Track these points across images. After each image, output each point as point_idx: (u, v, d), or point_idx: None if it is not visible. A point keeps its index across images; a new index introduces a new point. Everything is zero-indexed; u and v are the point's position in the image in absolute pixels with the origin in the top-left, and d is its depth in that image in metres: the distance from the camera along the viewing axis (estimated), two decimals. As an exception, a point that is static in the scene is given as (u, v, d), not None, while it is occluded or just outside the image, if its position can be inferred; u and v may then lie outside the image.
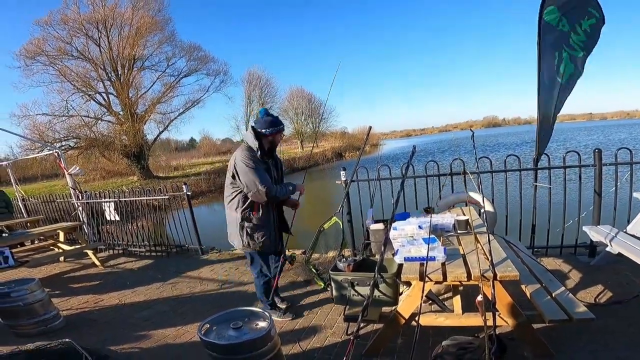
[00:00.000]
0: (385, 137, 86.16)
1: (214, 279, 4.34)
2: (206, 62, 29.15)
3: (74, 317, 3.61)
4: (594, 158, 3.60)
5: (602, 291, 2.99)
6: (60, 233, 5.63)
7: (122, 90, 24.69)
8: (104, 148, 24.77)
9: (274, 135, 2.83)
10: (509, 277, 1.89)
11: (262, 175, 2.71)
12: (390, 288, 2.30)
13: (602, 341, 2.32)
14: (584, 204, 3.73)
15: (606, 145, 21.16)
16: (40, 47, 22.82)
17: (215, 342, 1.91)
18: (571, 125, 63.98)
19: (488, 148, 29.18)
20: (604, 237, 3.18)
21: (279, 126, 2.84)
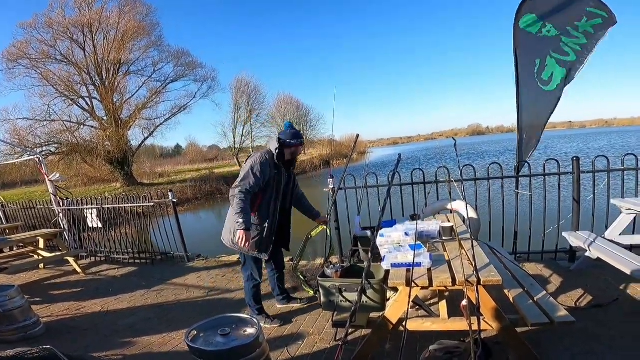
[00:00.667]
0: (373, 145, 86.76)
1: (200, 286, 4.29)
2: (194, 68, 28.96)
3: (55, 324, 3.53)
4: (573, 166, 3.71)
5: (582, 295, 3.07)
6: (40, 240, 5.50)
7: (106, 95, 24.26)
8: (86, 154, 24.20)
9: (296, 146, 3.00)
10: (492, 282, 1.94)
11: (252, 182, 2.80)
12: (378, 294, 2.33)
13: (584, 344, 2.38)
14: (564, 210, 3.84)
15: (585, 153, 21.83)
16: (23, 50, 22.35)
17: (202, 348, 1.90)
18: (552, 134, 65.62)
19: (472, 156, 29.71)
20: (583, 243, 3.28)
21: (300, 139, 3.03)
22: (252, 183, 2.80)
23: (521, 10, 3.67)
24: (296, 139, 2.97)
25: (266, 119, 44.91)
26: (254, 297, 3.17)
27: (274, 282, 3.47)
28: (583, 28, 3.60)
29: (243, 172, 2.85)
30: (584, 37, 3.60)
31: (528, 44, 3.67)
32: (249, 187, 2.79)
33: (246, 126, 41.57)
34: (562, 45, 3.65)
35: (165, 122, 28.17)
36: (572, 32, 3.62)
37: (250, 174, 2.80)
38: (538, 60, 3.70)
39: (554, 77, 3.69)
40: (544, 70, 3.70)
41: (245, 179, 2.81)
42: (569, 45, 3.64)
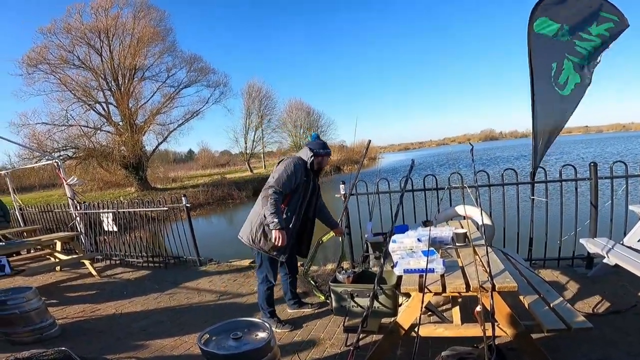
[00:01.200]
0: (384, 151, 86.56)
1: (212, 290, 4.32)
2: (206, 74, 29.34)
3: (69, 326, 3.58)
4: (590, 172, 3.65)
5: (600, 301, 3.01)
6: (57, 242, 5.62)
7: (122, 100, 24.73)
8: (102, 158, 24.67)
9: (323, 156, 3.14)
10: (507, 288, 1.91)
11: (285, 183, 2.90)
12: (390, 299, 2.31)
13: (600, 350, 2.33)
14: (581, 216, 3.76)
15: (603, 158, 21.38)
16: (43, 55, 22.89)
17: (215, 352, 1.91)
18: (568, 139, 64.52)
19: (486, 162, 29.36)
20: (600, 249, 3.21)
21: (328, 149, 3.19)
22: (285, 184, 2.89)
23: (534, 14, 3.63)
24: (324, 149, 3.15)
25: (277, 124, 45.21)
26: (267, 299, 3.17)
27: (286, 286, 3.48)
28: (597, 32, 3.57)
29: (277, 173, 2.93)
30: (600, 40, 3.56)
31: (543, 48, 3.62)
32: (282, 187, 2.87)
33: (257, 131, 41.96)
34: (578, 48, 3.60)
35: (178, 127, 28.58)
36: (585, 36, 3.59)
37: (284, 175, 2.90)
38: (554, 64, 3.64)
39: (569, 81, 3.64)
40: (560, 74, 3.64)
41: (279, 179, 2.89)
42: (585, 47, 3.60)
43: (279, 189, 2.85)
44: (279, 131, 45.73)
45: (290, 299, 3.50)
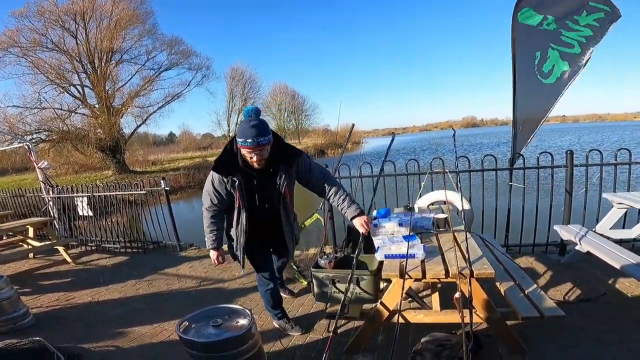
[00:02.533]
0: (368, 135, 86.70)
1: (192, 276, 4.27)
2: (188, 56, 28.49)
3: (44, 315, 3.49)
4: (566, 159, 3.72)
5: (571, 289, 3.10)
6: (29, 228, 5.43)
7: (98, 82, 23.84)
8: (77, 141, 23.86)
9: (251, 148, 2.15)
10: (485, 274, 1.94)
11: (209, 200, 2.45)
12: (371, 285, 2.32)
13: (572, 338, 2.41)
14: (556, 204, 3.86)
15: (580, 147, 22.01)
16: (14, 39, 21.87)
17: (194, 339, 1.88)
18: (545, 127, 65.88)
19: (467, 148, 29.81)
20: (573, 236, 3.30)
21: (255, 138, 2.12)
22: (209, 201, 2.44)
23: (519, 4, 3.65)
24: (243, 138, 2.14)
25: (261, 107, 44.34)
26: (269, 301, 2.82)
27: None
28: (585, 22, 3.56)
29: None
30: (590, 30, 3.54)
31: (527, 37, 3.64)
32: (208, 204, 2.45)
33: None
34: (564, 38, 3.60)
35: (158, 110, 27.81)
36: (572, 26, 3.58)
37: (204, 193, 2.45)
38: (539, 52, 3.66)
39: (554, 70, 3.65)
40: (545, 62, 3.66)
41: (203, 197, 2.47)
42: (572, 37, 3.58)
43: (205, 207, 2.47)
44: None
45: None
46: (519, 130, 3.89)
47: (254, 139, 2.11)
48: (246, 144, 2.13)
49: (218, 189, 2.37)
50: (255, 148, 2.14)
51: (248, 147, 2.14)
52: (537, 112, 3.78)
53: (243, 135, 2.13)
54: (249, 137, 2.11)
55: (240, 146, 2.19)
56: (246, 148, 2.16)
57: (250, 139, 2.11)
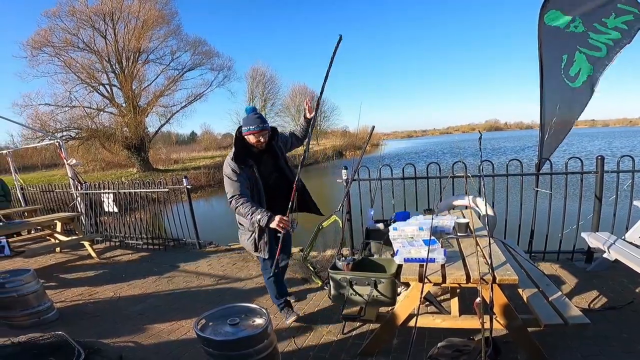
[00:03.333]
0: (387, 138, 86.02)
1: (210, 274, 4.33)
2: (210, 57, 29.05)
3: (67, 310, 3.59)
4: (596, 165, 3.59)
5: (597, 297, 2.99)
6: (57, 223, 5.62)
7: (125, 82, 24.62)
8: (104, 139, 24.72)
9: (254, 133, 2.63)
10: (508, 280, 1.88)
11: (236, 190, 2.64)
12: (389, 288, 2.29)
13: (595, 347, 2.32)
14: (584, 211, 3.72)
15: (610, 152, 21.20)
16: (47, 38, 22.83)
17: (211, 337, 1.90)
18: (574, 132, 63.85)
19: (490, 152, 29.21)
20: (602, 244, 3.18)
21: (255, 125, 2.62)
22: (236, 190, 2.62)
23: (546, 6, 3.57)
24: (248, 126, 2.62)
25: (280, 108, 45.11)
26: (276, 291, 3.02)
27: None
28: (613, 24, 3.46)
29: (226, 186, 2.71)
30: (618, 33, 3.44)
31: (554, 40, 3.57)
32: (238, 193, 2.62)
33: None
34: (591, 41, 3.51)
35: (181, 109, 28.47)
36: (600, 28, 3.49)
37: (228, 184, 2.67)
38: (565, 55, 3.59)
39: (580, 73, 3.57)
40: (571, 66, 3.59)
41: (228, 189, 2.67)
42: (600, 40, 3.49)
43: (236, 196, 2.63)
44: (282, 115, 45.53)
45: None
46: (546, 135, 3.78)
47: (259, 125, 2.63)
48: (253, 129, 2.62)
49: (241, 175, 2.66)
50: (260, 132, 2.64)
51: (254, 132, 2.63)
52: (564, 116, 3.68)
53: (250, 124, 2.64)
54: (255, 124, 2.63)
55: (247, 133, 2.65)
56: (253, 133, 2.63)
57: (255, 125, 2.63)
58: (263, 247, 2.78)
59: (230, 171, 2.64)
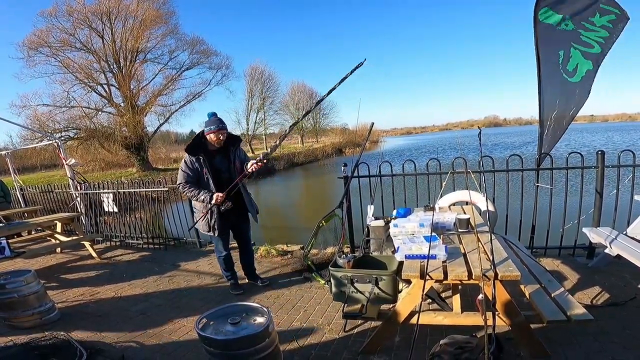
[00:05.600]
0: (386, 135, 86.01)
1: (211, 273, 4.32)
2: (208, 56, 29.07)
3: (69, 310, 3.58)
4: (597, 160, 3.58)
5: (600, 293, 2.98)
6: (57, 224, 5.61)
7: (123, 82, 24.57)
8: (103, 139, 24.70)
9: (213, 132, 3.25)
10: (510, 277, 1.87)
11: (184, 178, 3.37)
12: (390, 285, 2.29)
13: (597, 342, 2.32)
14: (585, 205, 3.71)
15: (610, 147, 21.17)
16: (44, 39, 22.77)
17: (212, 337, 1.89)
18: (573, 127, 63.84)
19: (489, 147, 29.18)
20: (603, 239, 3.17)
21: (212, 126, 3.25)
22: (184, 179, 3.34)
23: (539, 4, 3.61)
24: (209, 127, 3.25)
25: (279, 106, 45.08)
26: (224, 266, 3.71)
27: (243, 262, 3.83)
28: (600, 23, 3.59)
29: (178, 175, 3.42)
30: (605, 31, 3.58)
31: (549, 36, 3.64)
32: (184, 180, 3.35)
33: (259, 113, 41.76)
34: (583, 38, 3.61)
35: (180, 108, 28.52)
36: (589, 27, 3.61)
37: (180, 173, 3.37)
38: (562, 51, 3.65)
39: (578, 68, 3.63)
40: (568, 61, 3.65)
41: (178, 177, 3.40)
42: (591, 37, 3.60)
43: (182, 183, 3.36)
44: (281, 113, 45.49)
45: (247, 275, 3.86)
46: (546, 130, 3.77)
47: (218, 125, 3.25)
48: (213, 129, 3.24)
49: (190, 167, 3.32)
50: (219, 131, 3.25)
51: (214, 131, 3.24)
52: (565, 111, 3.69)
53: (211, 125, 3.26)
54: (215, 125, 3.24)
55: (208, 132, 3.26)
56: (213, 132, 3.24)
57: (215, 125, 3.24)
58: (214, 227, 3.40)
59: (183, 163, 3.35)
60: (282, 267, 4.27)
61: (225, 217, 3.41)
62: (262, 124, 42.53)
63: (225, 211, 3.32)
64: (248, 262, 3.84)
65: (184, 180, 3.35)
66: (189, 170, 3.33)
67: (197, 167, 3.32)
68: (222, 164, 3.39)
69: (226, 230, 3.56)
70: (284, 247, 4.94)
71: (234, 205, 3.36)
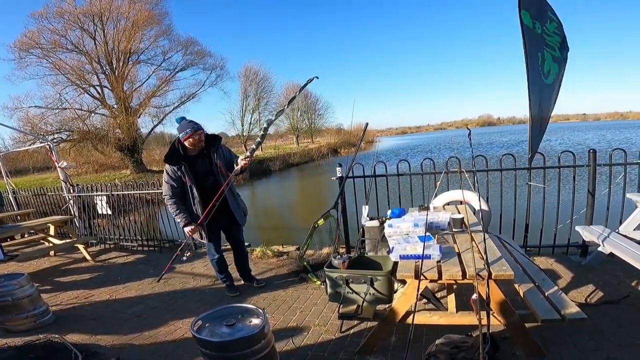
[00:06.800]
0: (381, 135, 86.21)
1: (207, 275, 4.31)
2: (203, 57, 28.92)
3: (63, 313, 3.55)
4: (589, 158, 3.61)
5: (593, 291, 3.01)
6: (50, 227, 5.57)
7: (116, 83, 24.39)
8: (97, 141, 24.50)
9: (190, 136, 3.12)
10: (504, 276, 1.89)
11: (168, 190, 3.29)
12: (385, 286, 2.29)
13: (592, 341, 2.34)
14: (577, 204, 3.74)
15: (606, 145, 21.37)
16: (35, 40, 22.54)
17: (208, 339, 1.89)
18: (565, 125, 64.53)
19: (484, 147, 29.36)
20: (596, 237, 3.20)
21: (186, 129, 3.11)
22: (168, 191, 3.26)
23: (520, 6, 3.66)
24: (184, 131, 3.10)
25: (274, 107, 44.92)
26: (218, 269, 3.68)
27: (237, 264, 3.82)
28: (552, 29, 3.85)
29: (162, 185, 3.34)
30: (557, 37, 3.86)
31: (530, 38, 3.73)
32: (169, 193, 3.27)
33: (254, 114, 41.66)
34: (548, 41, 3.82)
35: (174, 110, 28.30)
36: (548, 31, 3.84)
37: (164, 185, 3.29)
38: (540, 53, 3.77)
39: (551, 70, 3.82)
40: (544, 63, 3.79)
41: (163, 189, 3.32)
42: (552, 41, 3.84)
43: (167, 196, 3.28)
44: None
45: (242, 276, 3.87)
46: (535, 129, 3.81)
47: (193, 127, 3.10)
48: (189, 132, 3.08)
49: (173, 177, 3.22)
50: (195, 133, 3.09)
51: (190, 134, 3.09)
52: (543, 111, 3.85)
53: (185, 128, 3.10)
54: (189, 127, 3.09)
55: (184, 137, 3.10)
56: (189, 135, 3.09)
57: (190, 128, 3.09)
58: (204, 234, 3.36)
59: (165, 173, 3.25)
60: (278, 268, 4.27)
61: (214, 221, 3.34)
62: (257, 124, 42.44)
63: (214, 215, 3.23)
64: (242, 264, 3.83)
65: (169, 193, 3.26)
66: (172, 180, 3.23)
67: (179, 176, 3.22)
68: (205, 169, 3.26)
69: (216, 234, 3.53)
70: (280, 248, 4.94)
71: (222, 209, 3.28)
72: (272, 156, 31.97)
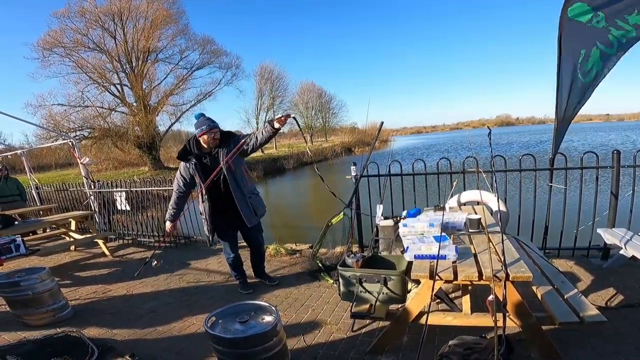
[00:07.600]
0: (396, 134, 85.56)
1: (221, 271, 4.35)
2: (219, 56, 29.31)
3: (82, 307, 3.63)
4: (612, 159, 3.50)
5: (614, 294, 2.92)
6: (71, 222, 5.70)
7: (136, 82, 24.94)
8: (117, 138, 25.13)
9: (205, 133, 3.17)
10: (522, 278, 1.84)
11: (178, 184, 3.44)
12: (399, 285, 2.27)
13: (610, 344, 2.27)
14: (600, 206, 3.63)
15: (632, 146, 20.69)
16: (58, 39, 23.22)
17: (220, 335, 1.90)
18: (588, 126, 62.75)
19: (502, 146, 28.80)
20: (618, 240, 3.11)
21: (202, 126, 3.16)
22: (178, 185, 3.41)
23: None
24: (199, 128, 3.17)
25: (289, 105, 45.21)
26: (232, 267, 3.74)
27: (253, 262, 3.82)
28: (634, 21, 3.41)
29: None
30: (635, 31, 3.40)
31: (575, 33, 3.51)
32: (177, 187, 3.43)
33: (269, 113, 41.88)
34: (610, 37, 3.46)
35: (191, 108, 28.74)
36: (621, 24, 3.44)
37: (175, 181, 3.46)
38: (583, 50, 3.52)
39: (592, 69, 3.54)
40: (587, 60, 3.54)
41: (174, 183, 3.49)
42: (616, 36, 3.44)
43: (175, 189, 3.44)
44: (290, 112, 45.76)
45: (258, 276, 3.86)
46: (561, 129, 3.70)
47: (208, 125, 3.15)
48: (204, 129, 3.14)
49: (184, 174, 3.35)
50: (211, 130, 3.15)
51: (206, 131, 3.14)
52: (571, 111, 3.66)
53: (201, 125, 3.15)
54: (205, 125, 3.15)
55: (199, 134, 3.17)
56: (205, 133, 3.15)
57: (205, 125, 3.14)
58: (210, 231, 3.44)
59: (179, 170, 3.39)
60: (291, 266, 4.28)
61: (224, 220, 3.42)
62: (271, 123, 42.70)
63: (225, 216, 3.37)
64: (257, 262, 3.83)
65: (175, 188, 3.44)
66: (181, 177, 3.37)
67: (191, 174, 3.31)
68: (215, 166, 3.25)
69: (229, 233, 3.55)
70: (293, 246, 4.95)
71: (232, 210, 3.31)
72: (286, 154, 32.09)
